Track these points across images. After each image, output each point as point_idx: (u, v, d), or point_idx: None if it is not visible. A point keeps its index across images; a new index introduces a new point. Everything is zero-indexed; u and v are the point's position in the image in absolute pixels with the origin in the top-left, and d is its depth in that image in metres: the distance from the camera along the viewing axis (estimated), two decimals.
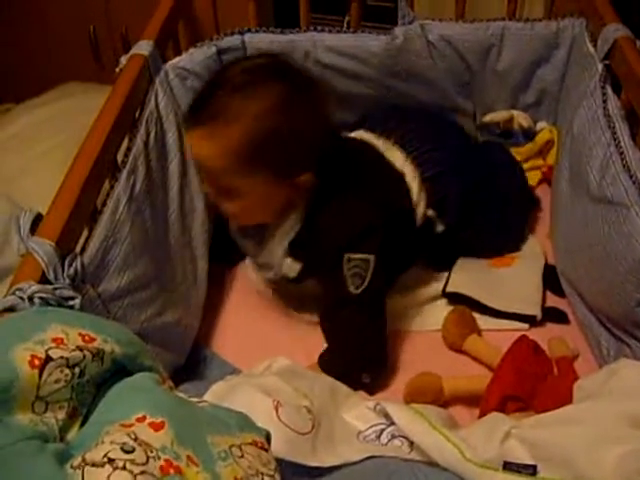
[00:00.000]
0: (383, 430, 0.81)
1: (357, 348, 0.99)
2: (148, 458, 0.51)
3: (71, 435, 0.57)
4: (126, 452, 0.51)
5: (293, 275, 1.02)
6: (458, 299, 1.09)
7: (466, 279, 1.11)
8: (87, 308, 0.76)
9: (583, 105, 1.08)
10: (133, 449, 0.51)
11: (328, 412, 0.83)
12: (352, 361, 0.98)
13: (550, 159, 1.31)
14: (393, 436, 0.80)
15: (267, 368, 0.90)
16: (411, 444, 0.79)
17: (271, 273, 1.04)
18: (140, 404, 0.57)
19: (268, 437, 0.64)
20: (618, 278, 0.90)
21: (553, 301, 1.12)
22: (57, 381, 0.56)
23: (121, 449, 0.51)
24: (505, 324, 1.07)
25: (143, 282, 0.90)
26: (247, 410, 0.65)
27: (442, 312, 1.08)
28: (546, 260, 1.17)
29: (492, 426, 0.79)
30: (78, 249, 0.80)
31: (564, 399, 0.83)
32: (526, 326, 1.06)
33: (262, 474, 0.59)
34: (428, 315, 1.10)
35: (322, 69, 1.25)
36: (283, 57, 1.00)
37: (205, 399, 0.69)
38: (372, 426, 0.82)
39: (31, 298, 0.67)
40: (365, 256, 0.96)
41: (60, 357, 0.56)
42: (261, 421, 0.65)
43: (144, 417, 0.55)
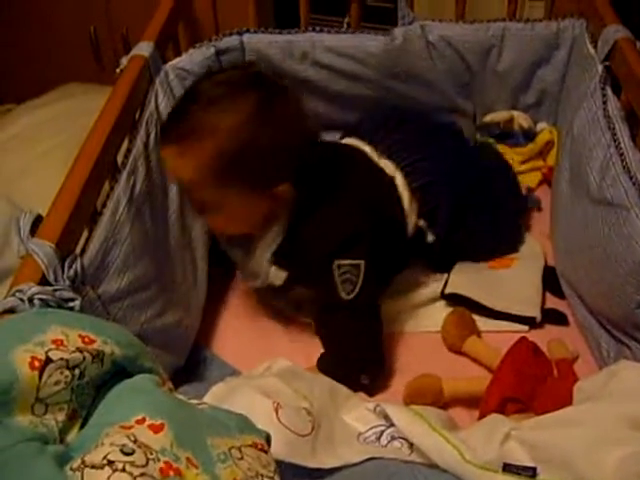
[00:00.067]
0: (383, 432, 0.81)
1: (354, 351, 0.99)
2: (148, 460, 0.51)
3: (71, 437, 0.57)
4: (126, 454, 0.51)
5: (279, 283, 1.02)
6: (457, 300, 1.09)
7: (465, 280, 1.11)
8: (87, 309, 0.76)
9: (583, 106, 1.08)
10: (133, 451, 0.51)
11: (328, 414, 0.83)
12: (350, 363, 0.98)
13: (550, 160, 1.31)
14: (393, 437, 0.80)
15: (267, 369, 0.90)
16: (411, 446, 0.79)
17: (258, 282, 1.04)
18: (140, 406, 0.57)
19: (268, 439, 0.64)
20: (618, 280, 0.90)
21: (553, 302, 1.11)
22: (57, 383, 0.56)
23: (121, 451, 0.51)
24: (505, 325, 1.07)
25: (143, 283, 0.90)
26: (247, 412, 0.65)
27: (441, 313, 1.07)
28: (546, 261, 1.17)
29: (492, 428, 0.79)
30: (78, 250, 0.80)
31: (564, 401, 0.83)
32: (526, 328, 1.06)
33: (262, 476, 0.59)
34: (427, 316, 1.10)
35: (320, 69, 1.25)
36: (257, 67, 0.98)
37: (205, 401, 0.69)
38: (372, 427, 0.82)
39: (31, 299, 0.67)
40: (355, 262, 0.96)
41: (60, 359, 0.56)
42: (261, 423, 0.65)
43: (144, 419, 0.55)
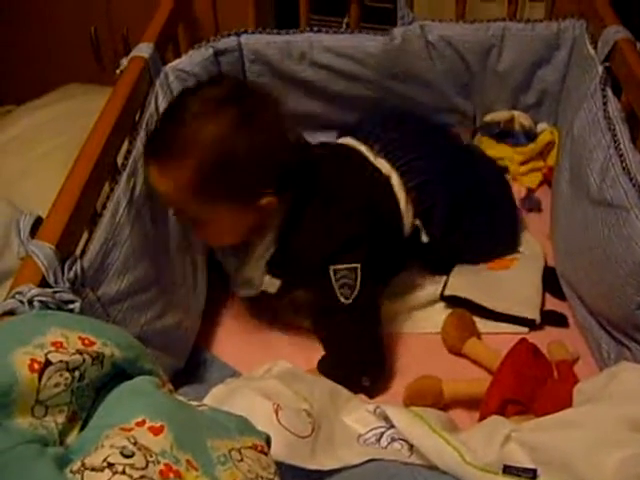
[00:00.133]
0: (383, 433, 0.81)
1: (354, 353, 0.99)
2: (147, 462, 0.51)
3: (71, 439, 0.57)
4: (126, 456, 0.51)
5: (273, 291, 1.02)
6: (457, 302, 1.09)
7: (464, 282, 1.11)
8: (87, 311, 0.76)
9: (583, 107, 1.07)
10: (133, 453, 0.51)
11: (328, 415, 0.82)
12: (351, 365, 0.98)
13: (550, 160, 1.31)
14: (393, 439, 0.80)
15: (267, 371, 0.90)
16: (411, 447, 0.79)
17: (252, 290, 1.04)
18: (140, 408, 0.57)
19: (268, 441, 0.64)
20: (618, 281, 0.90)
21: (553, 304, 1.11)
22: (57, 385, 0.55)
23: (120, 453, 0.51)
24: (504, 327, 1.07)
25: (143, 285, 0.90)
26: (247, 413, 0.65)
27: (441, 315, 1.07)
28: (546, 262, 1.17)
29: (492, 429, 0.79)
30: (78, 252, 0.80)
31: (564, 402, 0.83)
32: (526, 329, 1.06)
33: (262, 478, 0.59)
34: (427, 318, 1.09)
35: (319, 70, 1.25)
36: (233, 81, 0.98)
37: (205, 402, 0.69)
38: (372, 429, 0.82)
39: (31, 301, 0.67)
40: (351, 265, 0.96)
41: (60, 361, 0.56)
42: (261, 424, 0.65)
43: (144, 421, 0.55)
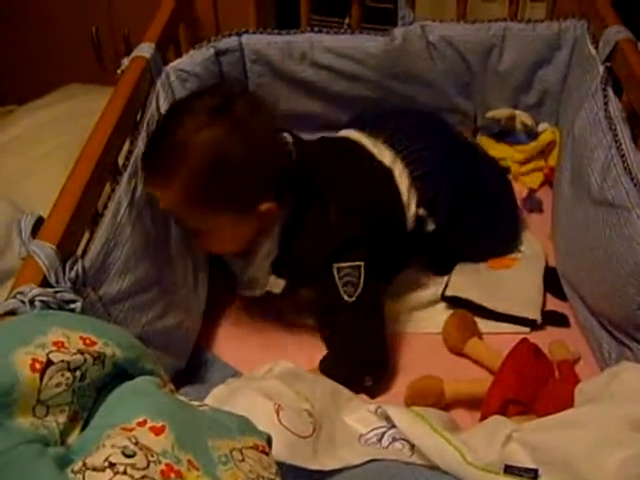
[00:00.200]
0: (384, 433, 0.81)
1: (358, 352, 0.99)
2: (149, 462, 0.51)
3: (72, 439, 0.57)
4: (127, 456, 0.51)
5: (278, 291, 1.03)
6: (458, 302, 1.09)
7: (466, 282, 1.11)
8: (88, 311, 0.76)
9: (584, 107, 1.07)
10: (134, 453, 0.51)
11: (329, 415, 0.82)
12: (354, 365, 0.98)
13: (552, 160, 1.31)
14: (394, 439, 0.80)
15: (268, 371, 0.90)
16: (412, 447, 0.79)
17: (257, 291, 1.05)
18: (141, 408, 0.57)
19: (269, 441, 0.64)
20: (619, 281, 0.90)
21: (554, 304, 1.11)
22: (58, 385, 0.55)
23: (122, 453, 0.51)
24: (506, 327, 1.07)
25: (144, 285, 0.90)
26: (248, 414, 0.65)
27: (443, 315, 1.07)
28: (547, 262, 1.16)
29: (493, 429, 0.78)
30: (79, 252, 0.80)
31: (565, 402, 0.83)
32: (527, 329, 1.06)
33: (263, 478, 0.59)
34: (429, 318, 1.09)
35: (320, 70, 1.25)
36: (224, 90, 0.98)
37: (206, 402, 0.69)
38: (373, 429, 0.82)
39: (32, 301, 0.67)
40: (354, 263, 0.96)
41: (61, 361, 0.56)
42: (262, 424, 0.65)
43: (145, 421, 0.55)
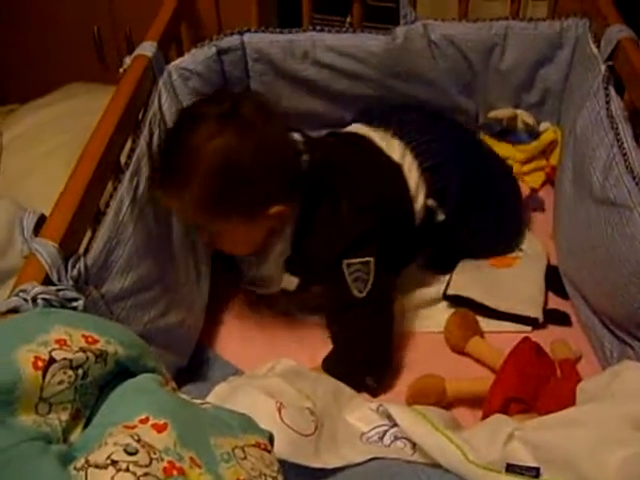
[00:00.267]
0: (386, 432, 0.81)
1: (363, 351, 0.99)
2: (151, 460, 0.51)
3: (74, 436, 0.57)
4: (129, 454, 0.51)
5: (292, 288, 1.04)
6: (460, 301, 1.09)
7: (468, 281, 1.11)
8: (90, 309, 0.76)
9: (586, 106, 1.07)
10: (136, 451, 0.51)
11: (331, 414, 0.83)
12: (357, 364, 0.98)
13: (553, 159, 1.31)
14: (396, 437, 0.81)
15: (270, 369, 0.90)
16: (414, 446, 0.79)
17: (272, 288, 1.06)
18: (143, 405, 0.57)
19: (271, 439, 0.64)
20: (621, 280, 0.90)
21: (555, 302, 1.11)
22: (60, 382, 0.56)
23: (124, 451, 0.51)
24: (507, 326, 1.07)
25: (146, 283, 0.90)
26: (250, 412, 0.65)
27: (444, 314, 1.07)
28: (549, 261, 1.16)
29: (495, 428, 0.79)
30: (81, 250, 0.80)
31: (567, 401, 0.83)
32: (529, 328, 1.06)
33: (265, 475, 0.59)
34: (430, 317, 1.10)
35: (321, 69, 1.25)
36: (231, 95, 0.98)
37: (208, 400, 0.69)
38: (375, 427, 0.82)
39: (34, 299, 0.67)
40: (365, 259, 0.97)
41: (63, 358, 0.56)
42: (264, 423, 0.65)
43: (147, 418, 0.55)
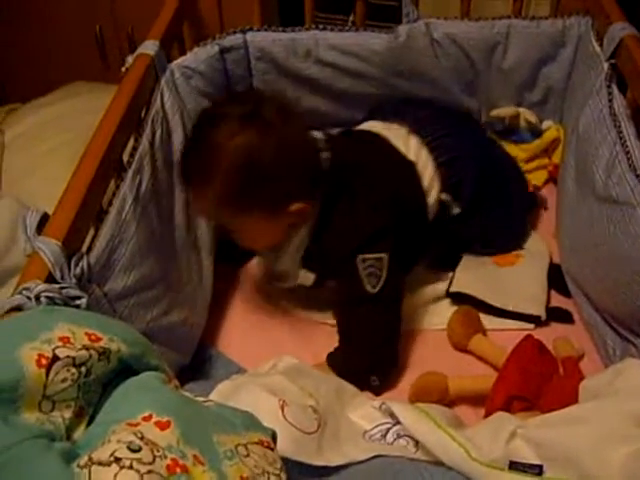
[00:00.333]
0: (389, 429, 0.82)
1: (369, 349, 0.99)
2: (154, 457, 0.51)
3: (78, 434, 0.57)
4: (133, 451, 0.51)
5: (309, 284, 1.06)
6: (463, 299, 1.09)
7: (471, 279, 1.11)
8: (93, 307, 0.76)
9: (589, 104, 1.07)
10: (140, 448, 0.51)
11: (334, 411, 0.83)
12: (362, 362, 0.99)
13: (556, 158, 1.30)
14: (399, 435, 0.81)
15: (273, 367, 0.90)
16: (417, 443, 0.79)
17: (288, 283, 1.08)
18: (146, 403, 0.57)
19: (274, 436, 0.64)
20: (624, 278, 0.90)
21: (558, 300, 1.11)
22: (64, 380, 0.56)
23: (128, 448, 0.51)
24: (510, 324, 1.07)
25: (149, 282, 0.90)
26: (253, 409, 0.65)
27: (447, 312, 1.07)
28: (551, 259, 1.16)
29: (498, 426, 0.79)
30: (84, 249, 0.80)
31: (570, 399, 0.83)
32: (531, 326, 1.06)
33: (268, 473, 0.59)
34: (433, 314, 1.10)
35: (324, 67, 1.25)
36: (252, 96, 1.00)
37: (211, 398, 0.69)
38: (378, 425, 0.82)
39: (38, 297, 0.68)
40: (378, 255, 0.98)
41: (67, 356, 0.56)
42: (267, 420, 0.65)
43: (150, 416, 0.55)
